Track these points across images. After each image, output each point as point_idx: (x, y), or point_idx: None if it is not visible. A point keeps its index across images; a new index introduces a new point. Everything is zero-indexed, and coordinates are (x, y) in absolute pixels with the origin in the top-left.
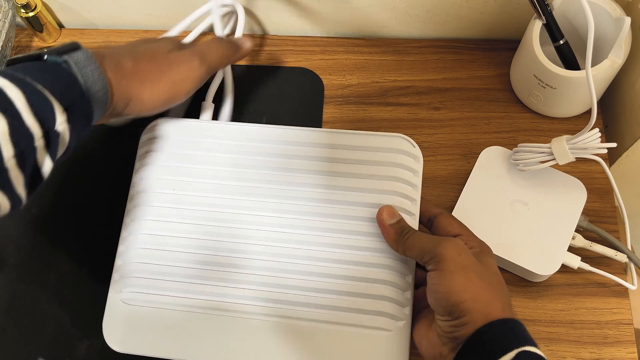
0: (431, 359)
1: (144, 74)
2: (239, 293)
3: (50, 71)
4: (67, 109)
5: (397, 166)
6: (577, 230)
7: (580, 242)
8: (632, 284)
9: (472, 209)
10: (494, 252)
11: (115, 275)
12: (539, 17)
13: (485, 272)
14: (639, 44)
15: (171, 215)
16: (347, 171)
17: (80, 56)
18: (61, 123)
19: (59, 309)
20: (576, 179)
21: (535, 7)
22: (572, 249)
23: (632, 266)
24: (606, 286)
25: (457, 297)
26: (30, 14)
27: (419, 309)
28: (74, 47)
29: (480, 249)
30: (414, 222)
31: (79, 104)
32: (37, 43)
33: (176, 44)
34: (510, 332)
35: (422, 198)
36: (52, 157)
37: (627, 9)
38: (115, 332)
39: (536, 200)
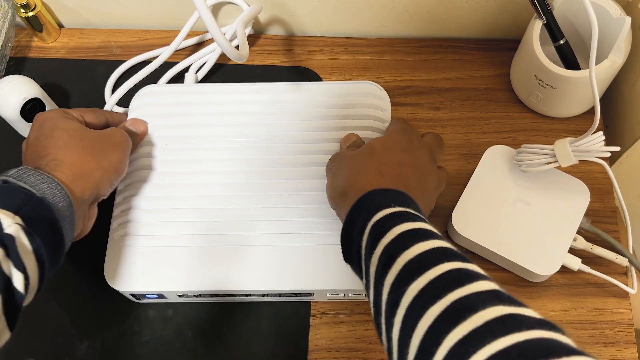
0: None
1: (89, 150)
2: (235, 227)
3: None
4: (16, 212)
5: (367, 106)
6: (579, 232)
7: (582, 244)
8: (632, 288)
9: (474, 207)
10: (495, 250)
11: (114, 223)
12: (539, 17)
13: (347, 163)
14: (639, 44)
15: (164, 166)
16: (326, 114)
17: (18, 171)
18: (9, 225)
19: (58, 309)
20: (580, 181)
21: (535, 7)
22: (573, 251)
23: (633, 270)
24: (606, 287)
25: (328, 194)
26: (30, 14)
27: None
28: (11, 169)
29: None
30: None
31: (28, 207)
32: (37, 43)
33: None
34: (360, 212)
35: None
36: (18, 266)
37: (627, 9)
38: (116, 273)
39: (539, 201)
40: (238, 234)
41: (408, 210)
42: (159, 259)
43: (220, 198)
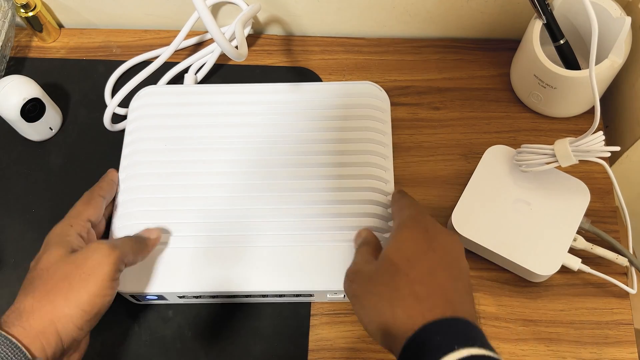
0: None
1: (50, 294)
2: (234, 228)
3: None
4: None
5: (367, 106)
6: (579, 232)
7: (582, 244)
8: (632, 288)
9: (474, 207)
10: (495, 250)
11: (116, 223)
12: (539, 16)
13: (371, 287)
14: (639, 44)
15: (164, 167)
16: (326, 115)
17: None
18: None
19: None
20: (580, 181)
21: (535, 6)
22: (573, 251)
23: (633, 270)
24: (606, 287)
25: (363, 326)
26: (30, 14)
27: None
28: None
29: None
30: (387, 153)
31: None
32: (37, 43)
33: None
34: (422, 348)
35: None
36: None
37: (627, 9)
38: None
39: (539, 200)
40: (238, 235)
41: (472, 354)
42: (158, 260)
43: (220, 199)
